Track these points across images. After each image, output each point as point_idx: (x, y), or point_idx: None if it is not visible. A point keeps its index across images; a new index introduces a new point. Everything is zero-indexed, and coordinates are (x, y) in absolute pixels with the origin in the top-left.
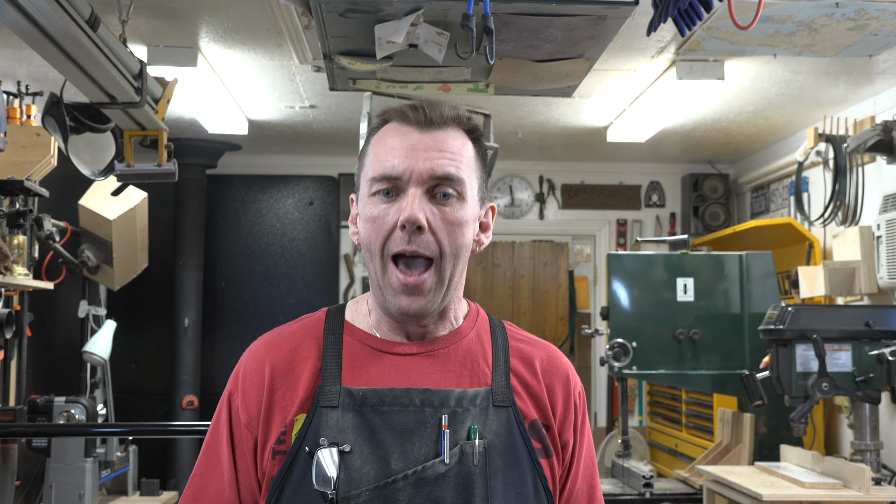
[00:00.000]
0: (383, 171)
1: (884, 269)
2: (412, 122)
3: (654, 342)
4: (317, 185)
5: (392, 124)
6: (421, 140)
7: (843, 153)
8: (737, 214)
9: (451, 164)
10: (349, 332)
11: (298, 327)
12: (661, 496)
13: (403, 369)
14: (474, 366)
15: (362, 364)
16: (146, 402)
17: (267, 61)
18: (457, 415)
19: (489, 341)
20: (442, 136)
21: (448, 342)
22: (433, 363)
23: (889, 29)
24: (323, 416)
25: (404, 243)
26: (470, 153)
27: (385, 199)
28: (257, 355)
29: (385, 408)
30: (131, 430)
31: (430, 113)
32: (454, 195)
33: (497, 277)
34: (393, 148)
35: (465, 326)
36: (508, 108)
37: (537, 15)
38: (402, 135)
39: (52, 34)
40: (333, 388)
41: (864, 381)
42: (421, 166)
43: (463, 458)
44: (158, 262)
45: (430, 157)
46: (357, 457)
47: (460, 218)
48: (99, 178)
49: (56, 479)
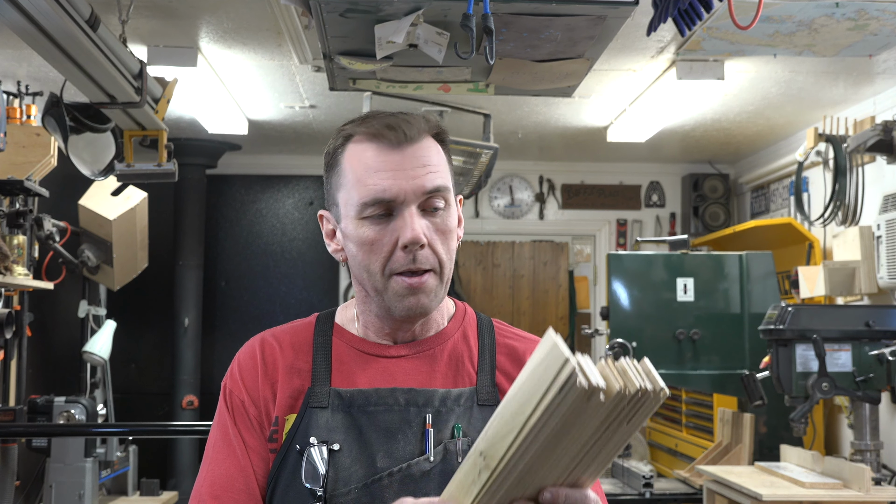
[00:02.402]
0: (374, 195)
1: (884, 269)
2: (389, 141)
3: (654, 342)
4: (317, 185)
5: (364, 144)
6: (404, 158)
7: (843, 153)
8: (737, 214)
9: (437, 175)
10: (338, 335)
11: (289, 328)
12: (661, 496)
13: (390, 371)
14: (459, 366)
15: (350, 366)
16: (146, 402)
17: (267, 61)
18: (441, 414)
19: (475, 340)
20: (419, 149)
21: (434, 343)
22: (419, 364)
23: (889, 29)
24: (313, 417)
25: (408, 263)
26: (444, 158)
27: (378, 220)
28: (252, 351)
29: (371, 408)
30: (131, 430)
31: (406, 130)
32: (442, 206)
33: (497, 277)
34: (377, 170)
35: (451, 327)
36: (508, 108)
37: (537, 15)
38: (383, 156)
39: (52, 34)
40: (323, 389)
41: (864, 381)
42: (411, 185)
43: (447, 455)
44: (158, 262)
45: (418, 175)
46: (346, 456)
47: (451, 225)
48: (99, 178)
49: (56, 479)
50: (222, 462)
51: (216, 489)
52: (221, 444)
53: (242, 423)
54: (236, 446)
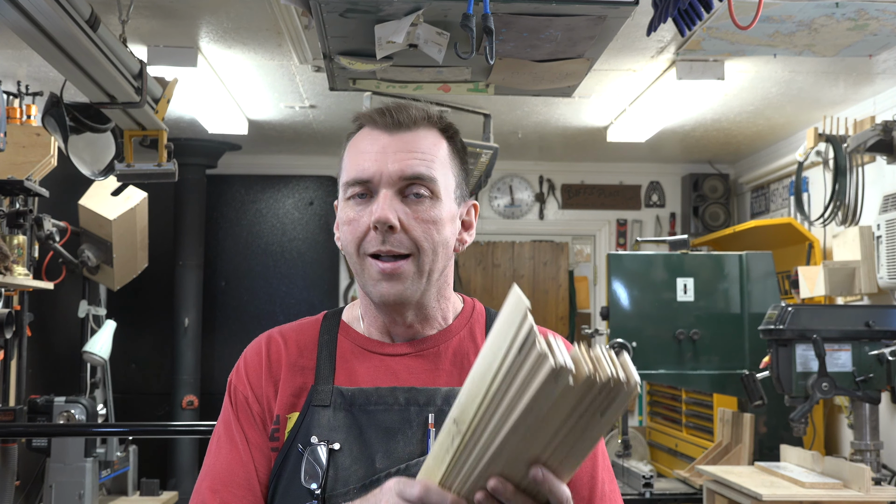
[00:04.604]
0: (355, 174)
1: (884, 269)
2: (381, 126)
3: (654, 342)
4: (317, 185)
5: (364, 129)
6: (391, 142)
7: (843, 153)
8: (737, 214)
9: (421, 163)
10: (344, 333)
11: (297, 325)
12: (661, 496)
13: (392, 370)
14: (465, 364)
15: (353, 364)
16: (146, 402)
17: (267, 61)
18: (444, 413)
19: (483, 336)
20: (412, 136)
21: (437, 341)
22: (422, 363)
23: (889, 29)
24: (315, 415)
25: (378, 244)
26: (443, 152)
27: (359, 201)
28: (258, 348)
29: (371, 407)
30: (131, 430)
31: (397, 115)
32: (427, 195)
33: (497, 277)
34: (364, 152)
35: (457, 324)
36: (508, 108)
37: (537, 15)
38: (373, 139)
39: (52, 34)
40: (326, 387)
41: (864, 381)
42: (391, 168)
43: None
44: (158, 262)
45: (400, 159)
46: (346, 455)
47: (434, 216)
48: (99, 178)
49: (56, 479)
50: (224, 457)
51: (216, 483)
52: (224, 439)
53: (246, 419)
54: (238, 441)
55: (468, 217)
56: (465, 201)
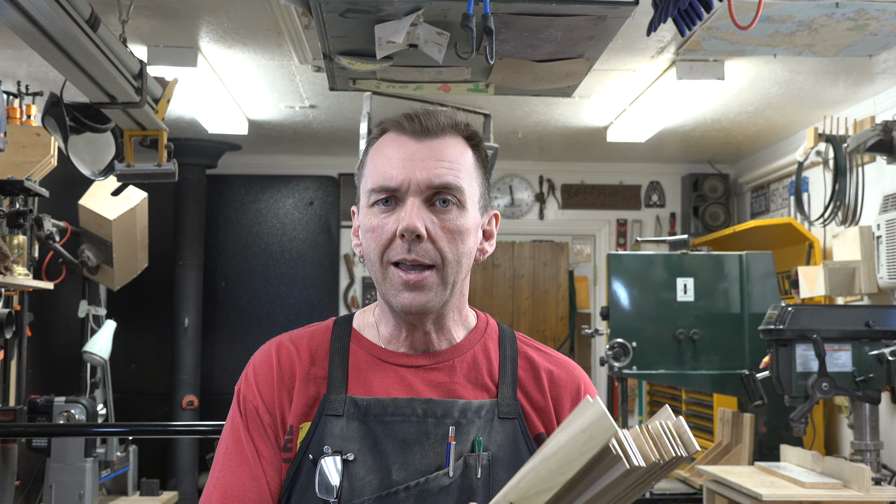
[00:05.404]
0: (381, 181)
1: (884, 269)
2: (409, 132)
3: (654, 342)
4: (317, 185)
5: (389, 134)
6: (418, 150)
7: (843, 153)
8: (737, 214)
9: (449, 172)
10: (356, 341)
11: (307, 332)
12: (661, 496)
13: (407, 380)
14: (479, 377)
15: (367, 374)
16: (146, 402)
17: (267, 61)
18: (461, 426)
19: (496, 352)
20: (440, 144)
21: (454, 354)
22: (438, 375)
23: (889, 29)
24: (328, 425)
25: (404, 252)
26: (469, 160)
27: (384, 208)
28: (268, 356)
29: (388, 418)
30: (131, 430)
31: (426, 122)
32: (454, 203)
33: (497, 277)
34: (391, 158)
35: (472, 337)
36: (508, 108)
37: (537, 15)
38: (400, 145)
39: (52, 34)
40: (339, 396)
41: (864, 381)
42: (419, 176)
43: (466, 470)
44: (158, 262)
45: (428, 167)
46: (360, 466)
47: (461, 226)
48: (99, 178)
49: (56, 479)
50: (234, 471)
51: (227, 499)
52: (234, 452)
53: (256, 430)
54: (249, 455)
55: (489, 227)
56: (487, 211)
